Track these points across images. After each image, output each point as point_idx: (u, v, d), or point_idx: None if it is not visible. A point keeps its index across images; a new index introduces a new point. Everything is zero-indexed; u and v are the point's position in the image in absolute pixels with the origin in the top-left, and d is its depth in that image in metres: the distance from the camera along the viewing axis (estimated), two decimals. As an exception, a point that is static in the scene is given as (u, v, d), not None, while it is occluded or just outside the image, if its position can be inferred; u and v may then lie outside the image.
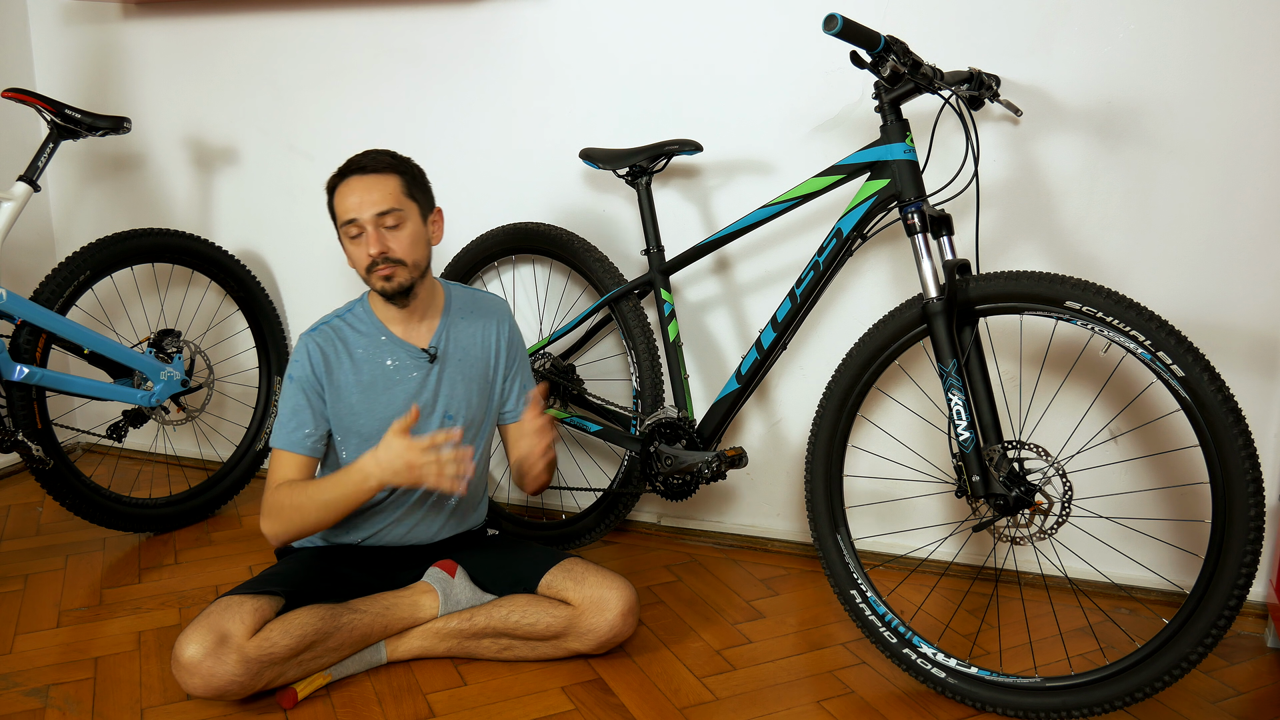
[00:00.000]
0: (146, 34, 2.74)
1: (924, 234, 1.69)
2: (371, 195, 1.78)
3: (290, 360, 1.88)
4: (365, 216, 1.78)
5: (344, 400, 1.86)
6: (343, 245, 1.86)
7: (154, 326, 2.80)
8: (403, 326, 1.89)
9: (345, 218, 1.80)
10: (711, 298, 2.36)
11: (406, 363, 1.88)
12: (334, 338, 1.87)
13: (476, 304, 1.98)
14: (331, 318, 1.90)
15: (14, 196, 2.26)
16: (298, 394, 1.84)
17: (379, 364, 1.87)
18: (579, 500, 2.55)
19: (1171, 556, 2.08)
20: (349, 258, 1.85)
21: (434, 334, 1.91)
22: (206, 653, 1.63)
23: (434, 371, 1.89)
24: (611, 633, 1.83)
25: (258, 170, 2.73)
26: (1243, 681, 1.83)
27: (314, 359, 1.84)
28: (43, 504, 2.68)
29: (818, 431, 1.87)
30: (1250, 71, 1.87)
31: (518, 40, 2.39)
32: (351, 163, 1.83)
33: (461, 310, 1.95)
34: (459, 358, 1.92)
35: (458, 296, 1.96)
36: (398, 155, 1.85)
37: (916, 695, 1.79)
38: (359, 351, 1.87)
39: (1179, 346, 1.52)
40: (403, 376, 1.87)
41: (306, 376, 1.84)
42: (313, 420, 1.85)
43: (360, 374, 1.86)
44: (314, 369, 1.84)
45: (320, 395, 1.85)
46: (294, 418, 1.85)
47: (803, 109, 2.18)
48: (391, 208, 1.79)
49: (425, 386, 1.89)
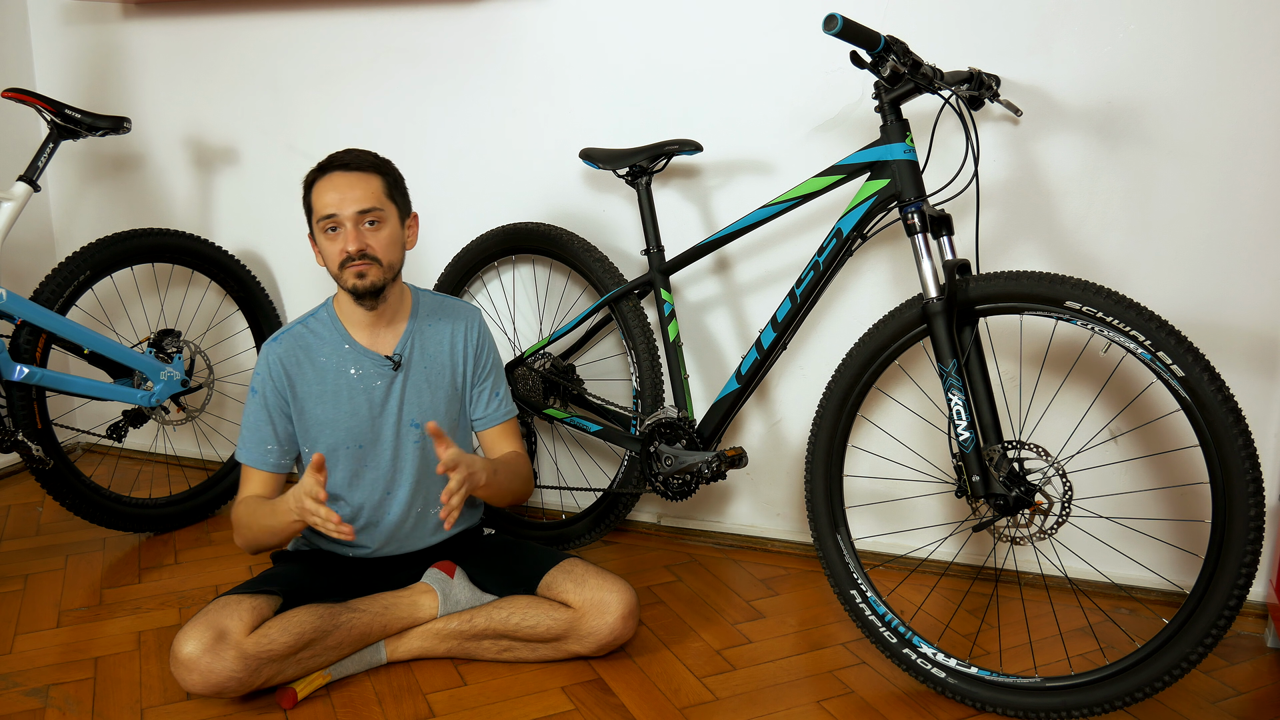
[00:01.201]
0: (146, 34, 2.74)
1: (924, 234, 1.69)
2: (354, 192, 1.78)
3: (254, 371, 1.87)
4: (346, 213, 1.77)
5: (308, 412, 1.85)
6: (314, 242, 1.85)
7: (154, 326, 2.80)
8: (368, 333, 1.87)
9: (324, 212, 1.79)
10: (711, 298, 2.36)
11: (370, 371, 1.86)
12: (295, 346, 1.86)
13: (444, 309, 1.96)
14: (295, 324, 1.89)
15: (14, 196, 2.26)
16: (260, 409, 1.84)
17: (343, 373, 1.85)
18: (579, 500, 2.55)
19: (1171, 556, 2.07)
20: (321, 254, 1.84)
21: (399, 340, 1.89)
22: (205, 649, 1.63)
23: (398, 379, 1.87)
24: (612, 635, 1.83)
25: (258, 170, 2.73)
26: (1243, 681, 1.83)
27: (274, 372, 1.84)
28: (43, 504, 2.68)
29: (818, 431, 1.87)
30: (1250, 71, 1.87)
31: (518, 40, 2.39)
32: (334, 159, 1.82)
33: (428, 316, 1.93)
34: (424, 364, 1.90)
35: (425, 302, 1.94)
36: (380, 156, 1.85)
37: (916, 695, 1.79)
38: (321, 360, 1.86)
39: (1179, 346, 1.52)
40: (366, 385, 1.85)
41: (268, 390, 1.84)
42: (274, 437, 1.85)
43: (324, 383, 1.85)
44: (274, 382, 1.84)
45: (283, 411, 1.85)
46: (256, 433, 1.85)
47: (803, 109, 2.18)
48: (373, 206, 1.79)
49: (390, 395, 1.87)
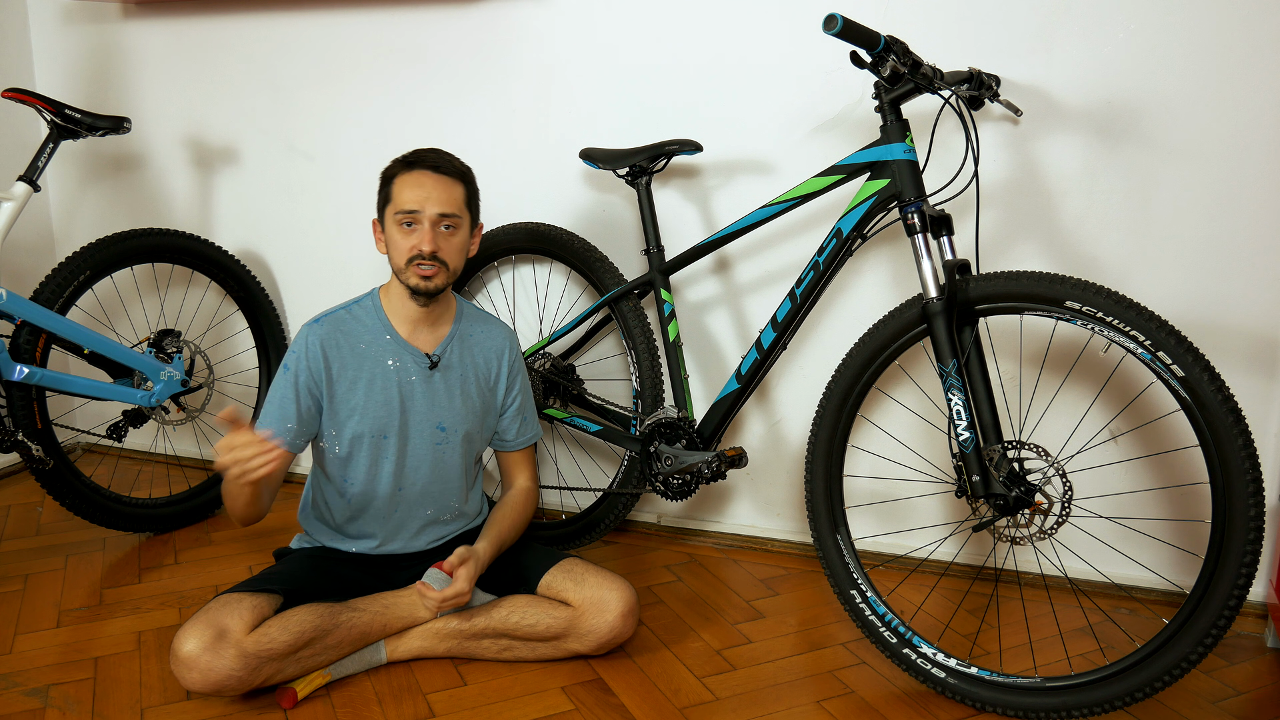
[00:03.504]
0: (146, 34, 2.74)
1: (924, 234, 1.69)
2: (440, 194, 1.80)
3: (289, 349, 1.86)
4: (429, 212, 1.79)
5: (339, 396, 1.85)
6: (384, 230, 1.85)
7: (154, 326, 2.80)
8: (409, 329, 1.88)
9: (407, 207, 1.79)
10: (711, 298, 2.36)
11: (408, 365, 1.87)
12: (336, 330, 1.86)
13: (486, 321, 1.98)
14: (339, 309, 1.89)
15: (14, 196, 2.26)
16: (289, 386, 1.83)
17: (380, 362, 1.86)
18: (579, 500, 2.55)
19: (1171, 556, 2.07)
20: (389, 244, 1.83)
21: (440, 343, 1.90)
22: (204, 648, 1.63)
23: (433, 379, 1.88)
24: (612, 634, 1.83)
25: (258, 170, 2.73)
26: (1243, 681, 1.83)
27: (312, 353, 1.83)
28: (43, 504, 2.68)
29: (818, 431, 1.87)
30: (1250, 71, 1.87)
31: (518, 40, 2.39)
32: (424, 156, 1.83)
33: (471, 324, 1.95)
34: (460, 371, 1.92)
35: (468, 311, 1.97)
36: (465, 164, 1.87)
37: (916, 695, 1.79)
38: (361, 347, 1.86)
39: (1179, 346, 1.52)
40: (402, 379, 1.87)
41: (302, 369, 1.83)
42: (297, 415, 1.84)
43: (361, 369, 1.85)
44: (310, 363, 1.83)
45: (312, 391, 1.84)
46: (280, 409, 1.83)
47: (803, 109, 2.18)
48: (454, 212, 1.82)
49: (421, 392, 1.88)
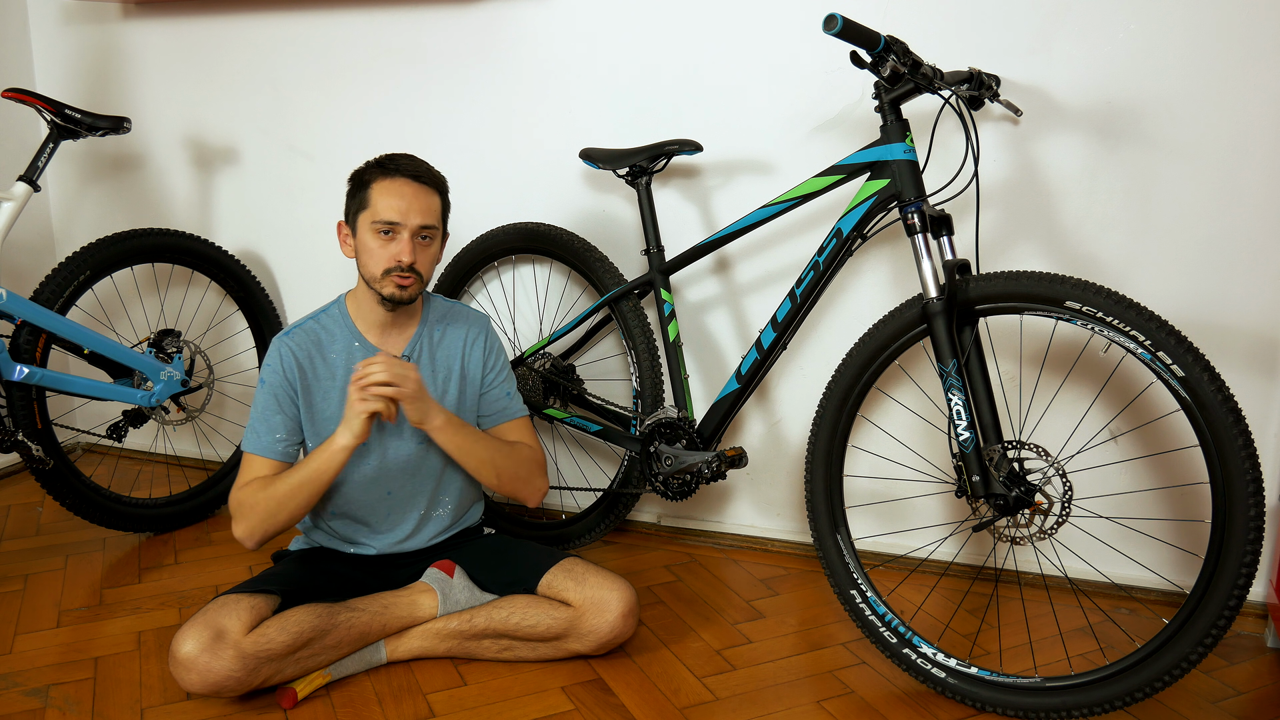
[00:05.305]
0: (146, 34, 2.74)
1: (924, 234, 1.69)
2: (420, 204, 1.79)
3: (264, 364, 1.87)
4: (410, 224, 1.78)
5: (316, 405, 1.85)
6: (357, 238, 1.82)
7: (154, 326, 2.80)
8: (379, 333, 1.88)
9: (388, 217, 1.77)
10: (711, 298, 2.36)
11: None
12: (307, 341, 1.86)
13: (453, 315, 1.97)
14: (306, 320, 1.89)
15: (14, 196, 2.26)
16: (270, 399, 1.84)
17: (350, 369, 1.85)
18: (579, 500, 2.55)
19: (1171, 556, 2.07)
20: (363, 251, 1.81)
21: (408, 343, 1.90)
22: (203, 648, 1.63)
23: None
24: (612, 634, 1.83)
25: (258, 170, 2.73)
26: (1243, 681, 1.83)
27: (286, 363, 1.84)
28: (43, 504, 2.68)
29: (818, 431, 1.87)
30: (1250, 71, 1.87)
31: (518, 40, 2.39)
32: (401, 164, 1.81)
33: (438, 320, 1.94)
34: (432, 368, 1.91)
35: (435, 307, 1.96)
36: (440, 174, 1.86)
37: (916, 695, 1.79)
38: (332, 356, 1.86)
39: (1179, 346, 1.52)
40: None
41: (279, 381, 1.83)
42: (284, 425, 1.84)
43: (334, 378, 1.86)
44: (286, 374, 1.83)
45: (293, 400, 1.84)
46: (265, 422, 1.84)
47: (803, 109, 2.18)
48: (433, 224, 1.81)
49: None
